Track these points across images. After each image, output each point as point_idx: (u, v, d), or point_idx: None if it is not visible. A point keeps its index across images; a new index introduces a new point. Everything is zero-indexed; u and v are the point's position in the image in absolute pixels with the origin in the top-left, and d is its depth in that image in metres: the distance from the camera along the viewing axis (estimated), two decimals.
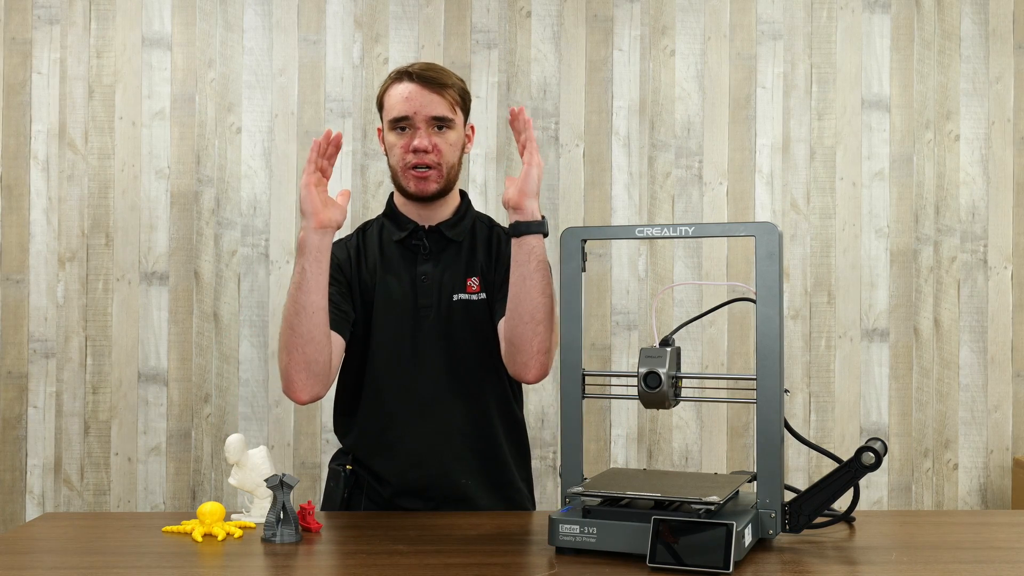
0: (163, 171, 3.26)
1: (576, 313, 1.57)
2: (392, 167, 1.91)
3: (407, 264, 1.92)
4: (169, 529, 1.57)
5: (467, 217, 1.97)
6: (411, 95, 1.85)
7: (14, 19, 3.24)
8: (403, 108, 1.85)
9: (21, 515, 3.21)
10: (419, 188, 1.88)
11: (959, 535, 1.61)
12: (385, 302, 1.89)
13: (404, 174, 1.88)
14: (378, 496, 1.90)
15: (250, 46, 3.28)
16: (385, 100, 1.90)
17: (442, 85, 1.86)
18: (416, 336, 1.88)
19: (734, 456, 3.32)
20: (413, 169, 1.86)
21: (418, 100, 1.84)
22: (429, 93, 1.85)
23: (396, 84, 1.88)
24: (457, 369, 1.88)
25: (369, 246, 1.96)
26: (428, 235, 1.92)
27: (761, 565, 1.38)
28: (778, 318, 1.45)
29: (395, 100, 1.86)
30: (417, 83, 1.85)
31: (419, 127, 1.85)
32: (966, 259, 3.37)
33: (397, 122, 1.86)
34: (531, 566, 1.37)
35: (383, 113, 1.91)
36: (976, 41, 3.38)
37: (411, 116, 1.85)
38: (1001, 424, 3.37)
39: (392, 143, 1.89)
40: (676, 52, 3.35)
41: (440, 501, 1.86)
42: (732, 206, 3.34)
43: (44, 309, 3.23)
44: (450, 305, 1.89)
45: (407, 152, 1.86)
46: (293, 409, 3.26)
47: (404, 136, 1.87)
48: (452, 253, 1.93)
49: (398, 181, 1.91)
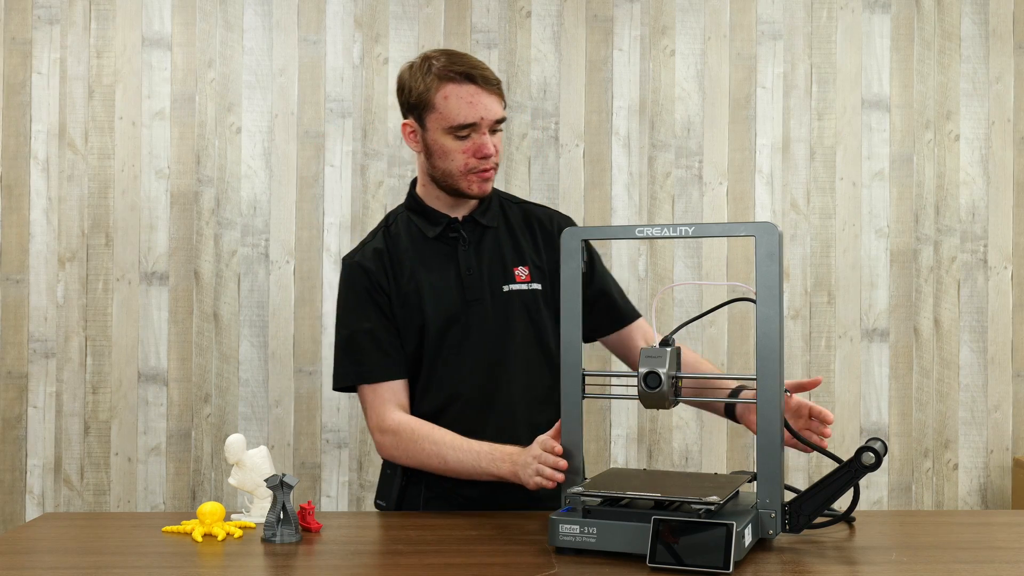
0: (163, 171, 3.26)
1: (576, 313, 1.57)
2: (444, 169, 1.84)
3: (447, 259, 1.88)
4: (169, 529, 1.57)
5: (494, 199, 1.95)
6: (475, 99, 1.79)
7: (14, 19, 3.24)
8: (470, 115, 1.79)
9: (21, 515, 3.21)
10: (482, 189, 1.85)
11: (959, 535, 1.61)
12: (434, 302, 1.85)
13: (466, 178, 1.83)
14: (437, 485, 1.86)
15: (250, 46, 3.28)
16: (436, 100, 1.81)
17: (496, 84, 1.82)
18: (469, 330, 1.85)
19: (734, 456, 3.32)
20: (477, 173, 1.83)
21: (482, 104, 1.79)
22: (489, 95, 1.80)
23: (454, 85, 1.79)
24: (514, 359, 1.87)
25: (401, 247, 1.90)
26: (463, 226, 1.90)
27: (761, 565, 1.38)
28: (778, 318, 1.45)
29: (458, 105, 1.79)
30: (480, 85, 1.79)
31: (483, 132, 1.81)
32: (966, 259, 3.37)
33: (460, 128, 1.79)
34: (531, 566, 1.37)
35: (429, 112, 1.82)
36: (976, 41, 3.38)
37: (478, 123, 1.80)
38: (1001, 424, 3.37)
39: (451, 148, 1.81)
40: (676, 52, 3.35)
41: (498, 489, 1.83)
42: (732, 206, 3.34)
43: (44, 309, 3.23)
44: (502, 296, 1.87)
45: (472, 157, 1.81)
46: (293, 409, 3.26)
47: (467, 142, 1.81)
48: (491, 241, 1.90)
49: (454, 183, 1.85)
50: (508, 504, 1.79)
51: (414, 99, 1.84)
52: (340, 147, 3.29)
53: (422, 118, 1.84)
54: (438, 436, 1.79)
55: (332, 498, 3.27)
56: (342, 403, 3.26)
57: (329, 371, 3.25)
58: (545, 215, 1.98)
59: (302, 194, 3.28)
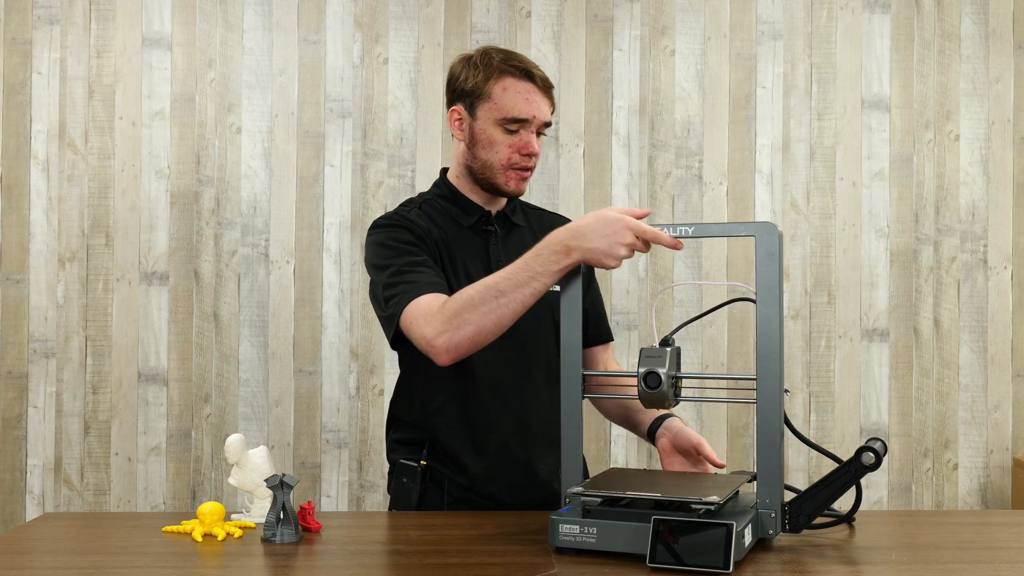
0: (163, 171, 3.26)
1: (576, 313, 1.57)
2: (486, 160, 1.84)
3: (478, 249, 1.89)
4: (169, 529, 1.57)
5: (516, 200, 1.97)
6: (532, 97, 1.81)
7: (14, 19, 3.24)
8: (525, 110, 1.81)
9: (21, 515, 3.21)
10: (518, 188, 1.86)
11: (959, 535, 1.61)
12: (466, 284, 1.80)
13: (505, 173, 1.84)
14: (457, 487, 1.85)
15: (250, 46, 3.28)
16: (493, 91, 1.82)
17: (551, 88, 1.85)
18: None
19: (734, 456, 3.32)
20: (518, 170, 1.84)
21: (537, 104, 1.82)
22: (543, 97, 1.83)
23: (513, 80, 1.82)
24: (535, 358, 1.88)
25: (436, 224, 1.89)
26: (496, 221, 1.92)
27: (761, 565, 1.38)
28: (778, 318, 1.45)
29: (515, 99, 1.81)
30: (539, 86, 1.82)
31: (532, 131, 1.83)
32: (966, 259, 3.37)
33: (513, 121, 1.81)
34: (531, 566, 1.37)
35: (483, 102, 1.83)
36: (976, 41, 3.38)
37: (531, 120, 1.81)
38: (1001, 424, 3.37)
39: (498, 140, 1.83)
40: (676, 52, 3.35)
41: (520, 488, 1.83)
42: (732, 206, 3.34)
43: (44, 309, 3.23)
44: None
45: (515, 153, 1.83)
46: (293, 409, 3.26)
47: (514, 136, 1.82)
48: (517, 239, 1.91)
49: (492, 176, 1.86)
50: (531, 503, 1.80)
51: (469, 87, 1.84)
52: (340, 147, 3.29)
53: (474, 106, 1.85)
54: (476, 283, 1.67)
55: (332, 498, 3.27)
56: (342, 403, 3.26)
57: (329, 371, 3.26)
58: (561, 223, 1.97)
59: (302, 194, 3.28)
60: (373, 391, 3.27)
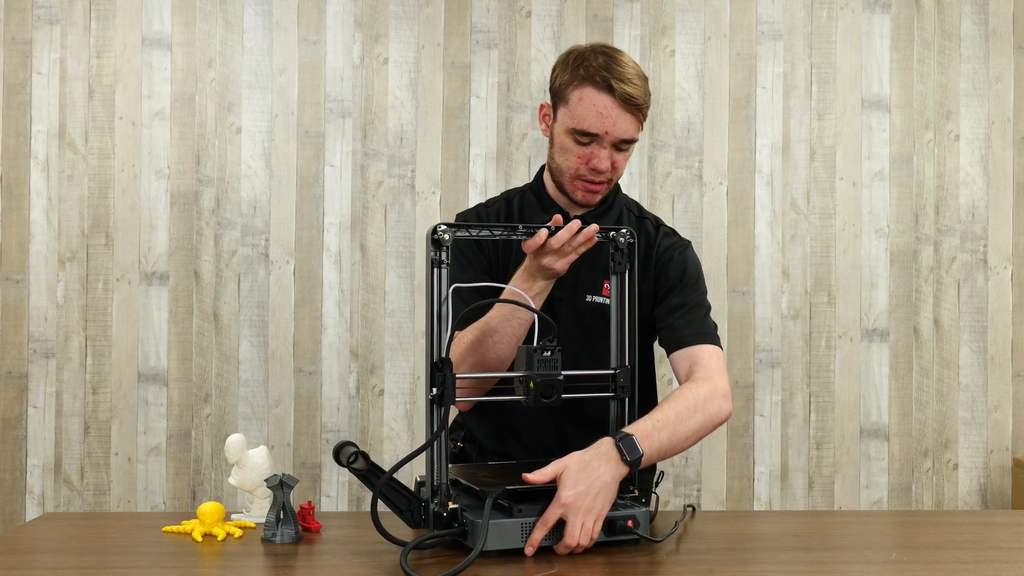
0: (163, 171, 3.26)
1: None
2: (559, 165, 1.79)
3: None
4: (169, 529, 1.57)
5: (615, 205, 1.88)
6: (607, 112, 1.71)
7: (14, 19, 3.24)
8: (596, 125, 1.72)
9: (21, 515, 3.21)
10: (586, 199, 1.80)
11: (959, 535, 1.61)
12: None
13: (573, 182, 1.78)
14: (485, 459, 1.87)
15: (250, 46, 3.28)
16: (571, 98, 1.74)
17: (638, 107, 1.73)
18: None
19: (734, 456, 3.32)
20: (585, 181, 1.77)
21: (611, 120, 1.71)
22: (624, 112, 1.72)
23: (592, 90, 1.72)
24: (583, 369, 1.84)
25: (513, 219, 1.87)
26: None
27: (762, 565, 1.37)
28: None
29: (587, 111, 1.72)
30: (617, 100, 1.70)
31: (605, 146, 1.74)
32: (966, 259, 3.37)
33: (583, 134, 1.73)
34: (531, 566, 1.37)
35: (562, 105, 1.76)
36: (976, 41, 3.38)
37: (601, 135, 1.73)
38: (1001, 424, 3.37)
39: (569, 148, 1.76)
40: (676, 52, 3.35)
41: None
42: (732, 206, 3.34)
43: (44, 309, 3.23)
44: (583, 305, 1.82)
45: (583, 165, 1.75)
46: (293, 409, 3.26)
47: (585, 148, 1.74)
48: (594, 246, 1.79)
49: (563, 183, 1.80)
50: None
51: (556, 87, 1.79)
52: (340, 147, 3.29)
53: (556, 108, 1.79)
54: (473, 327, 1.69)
55: (332, 498, 3.27)
56: (342, 403, 3.26)
57: (329, 371, 3.26)
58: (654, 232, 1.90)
59: (302, 194, 3.28)
60: (373, 391, 3.27)
